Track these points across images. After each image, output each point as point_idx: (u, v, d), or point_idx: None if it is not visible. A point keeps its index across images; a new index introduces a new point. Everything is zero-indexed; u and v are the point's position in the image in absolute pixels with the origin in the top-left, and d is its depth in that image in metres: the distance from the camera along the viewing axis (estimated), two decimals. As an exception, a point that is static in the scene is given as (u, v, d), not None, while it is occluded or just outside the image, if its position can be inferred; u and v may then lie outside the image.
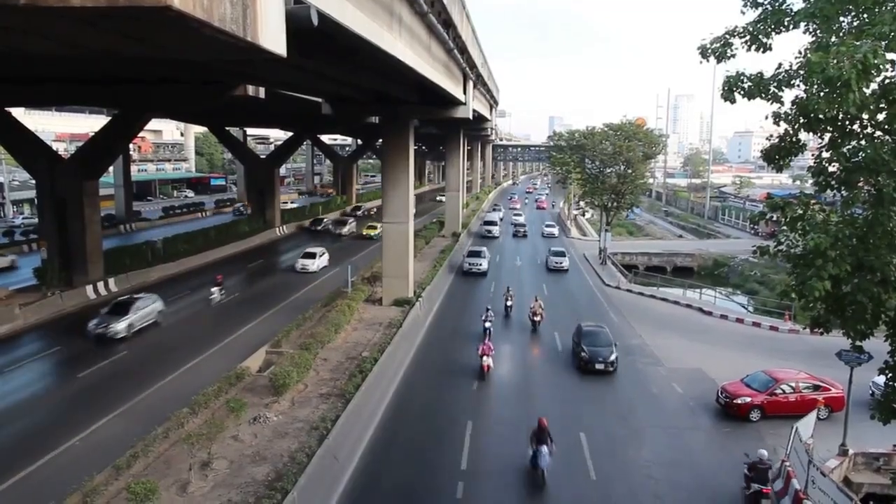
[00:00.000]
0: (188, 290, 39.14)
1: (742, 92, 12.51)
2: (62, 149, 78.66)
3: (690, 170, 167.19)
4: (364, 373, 22.97)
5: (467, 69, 38.37)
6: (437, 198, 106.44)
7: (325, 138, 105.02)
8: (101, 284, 37.26)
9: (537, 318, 33.17)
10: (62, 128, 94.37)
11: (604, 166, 57.66)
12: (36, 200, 48.92)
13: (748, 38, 12.42)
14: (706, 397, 24.29)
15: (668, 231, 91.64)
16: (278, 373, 21.65)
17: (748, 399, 22.79)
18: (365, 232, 60.49)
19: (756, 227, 75.45)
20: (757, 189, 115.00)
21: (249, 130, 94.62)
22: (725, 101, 12.83)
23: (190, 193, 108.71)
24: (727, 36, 12.82)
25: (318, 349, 25.43)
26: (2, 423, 21.06)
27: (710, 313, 38.85)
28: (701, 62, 13.42)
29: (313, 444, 17.74)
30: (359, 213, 79.48)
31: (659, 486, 18.04)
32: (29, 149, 38.11)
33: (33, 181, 42.00)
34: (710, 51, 13.04)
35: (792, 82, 11.96)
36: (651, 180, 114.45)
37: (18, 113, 40.56)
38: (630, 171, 55.40)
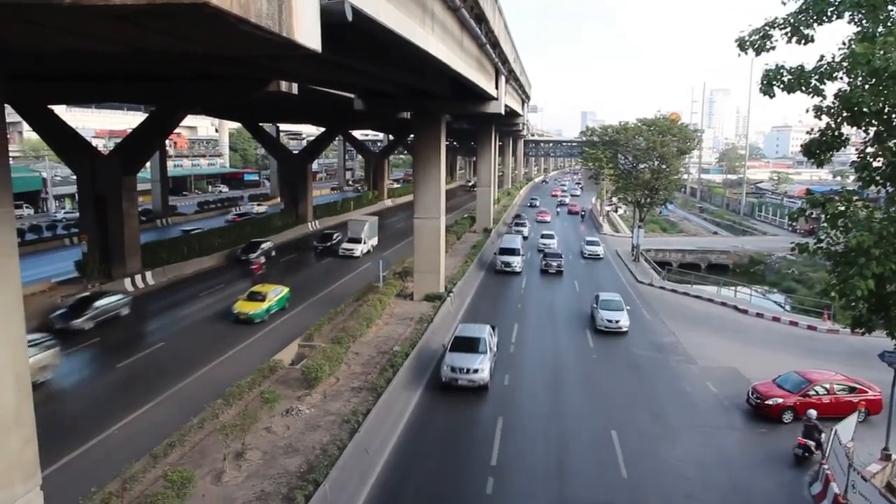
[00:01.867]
0: (222, 284, 39.75)
1: (781, 85, 12.25)
2: (101, 145, 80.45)
3: (726, 165, 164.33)
4: (395, 367, 23.10)
5: (499, 64, 38.18)
6: (469, 185, 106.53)
7: (357, 134, 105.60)
8: (138, 277, 38.06)
9: None
10: (101, 124, 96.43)
11: (637, 162, 56.96)
12: (77, 195, 50.16)
13: (789, 29, 12.14)
14: (741, 397, 23.84)
15: (702, 227, 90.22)
16: (310, 366, 21.88)
17: (780, 400, 22.20)
18: (239, 309, 31.49)
19: (794, 223, 73.80)
20: (795, 185, 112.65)
21: (282, 126, 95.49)
22: (764, 94, 12.57)
23: (224, 188, 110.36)
24: (767, 28, 12.55)
25: (349, 343, 25.64)
26: (52, 409, 21.63)
27: (745, 311, 38.16)
28: (739, 55, 13.19)
29: (345, 437, 17.93)
30: (332, 240, 52.13)
31: (692, 486, 17.79)
32: (71, 145, 39.05)
33: (75, 177, 42.97)
34: (748, 43, 12.78)
35: (835, 75, 11.67)
36: (685, 176, 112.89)
37: (60, 110, 41.62)
38: (664, 166, 54.64)
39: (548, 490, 17.31)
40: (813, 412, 19.59)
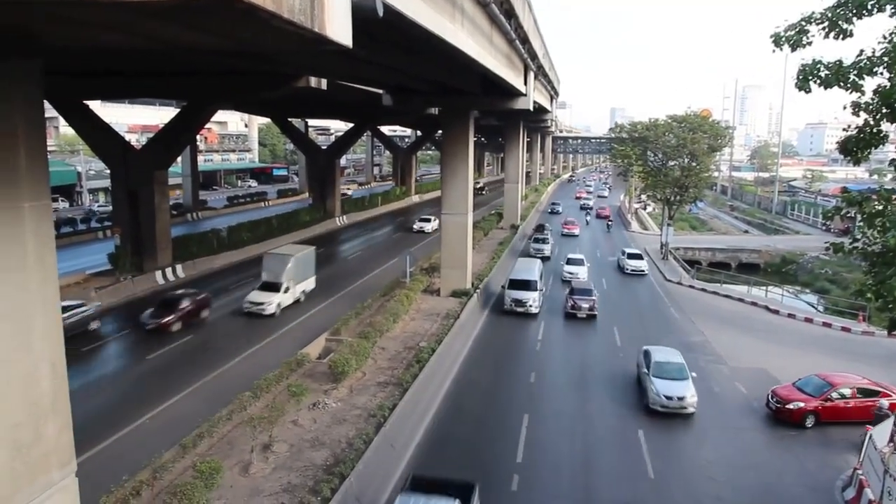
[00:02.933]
0: (251, 278, 40.18)
1: (818, 81, 12.02)
2: (134, 140, 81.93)
3: (758, 163, 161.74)
4: (421, 363, 23.16)
5: (528, 60, 37.98)
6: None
7: (385, 129, 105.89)
8: (169, 270, 38.67)
9: None
10: (134, 120, 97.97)
11: (667, 159, 56.26)
12: (110, 189, 51.13)
13: (826, 24, 11.88)
14: (772, 398, 23.42)
15: (732, 226, 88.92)
16: (337, 360, 22.02)
17: (801, 404, 21.57)
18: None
19: (829, 223, 72.31)
20: (830, 183, 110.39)
21: (311, 121, 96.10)
22: (800, 90, 12.34)
23: (253, 183, 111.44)
24: (803, 23, 12.32)
25: (376, 338, 25.76)
26: (82, 399, 22.08)
27: (776, 312, 37.51)
28: (774, 51, 12.93)
29: (371, 432, 18.03)
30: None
31: (721, 488, 17.56)
32: (104, 140, 39.80)
33: (108, 171, 43.76)
34: (783, 39, 12.54)
35: (875, 70, 11.41)
36: (716, 174, 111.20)
37: (95, 106, 42.39)
38: (694, 163, 53.88)
39: (574, 491, 17.23)
40: (885, 402, 19.67)
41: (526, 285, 33.71)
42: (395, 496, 13.85)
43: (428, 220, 61.66)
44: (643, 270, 46.09)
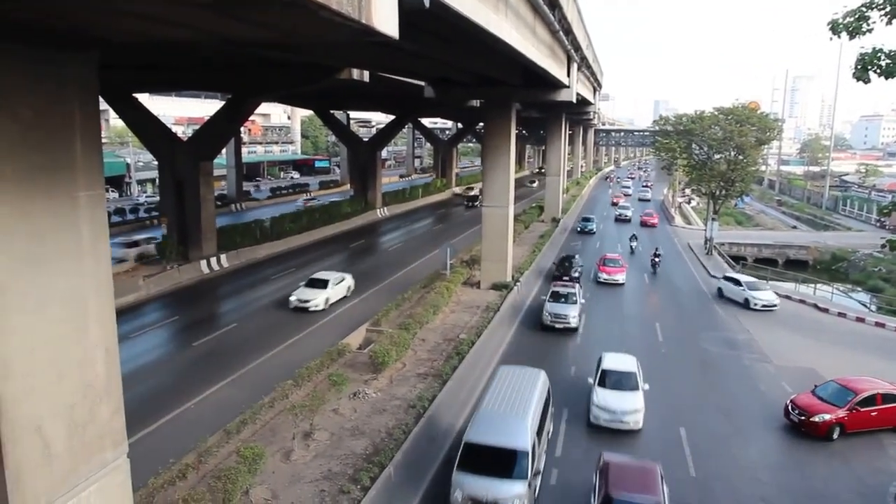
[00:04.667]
0: (293, 268, 40.81)
1: (878, 70, 11.59)
2: (181, 132, 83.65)
3: (808, 156, 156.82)
4: (461, 355, 23.21)
5: (572, 51, 37.51)
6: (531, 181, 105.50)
7: (426, 121, 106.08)
8: (213, 260, 39.50)
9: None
10: (180, 112, 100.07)
11: (712, 152, 55.01)
12: (157, 180, 52.41)
13: (889, 9, 11.43)
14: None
15: (780, 221, 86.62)
16: (378, 351, 22.21)
17: (827, 416, 19.82)
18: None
19: (884, 219, 69.87)
20: (885, 178, 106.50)
21: (352, 114, 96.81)
22: (858, 80, 11.92)
23: (295, 175, 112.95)
24: (863, 8, 11.87)
25: (416, 329, 25.89)
26: (129, 384, 22.77)
27: (825, 310, 36.38)
28: (830, 39, 12.50)
29: (410, 422, 18.15)
30: None
31: (766, 489, 17.15)
32: (153, 132, 40.81)
33: (156, 162, 44.82)
34: (841, 26, 12.12)
35: (941, 59, 10.95)
36: (763, 168, 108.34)
37: (143, 98, 43.45)
38: (741, 157, 52.50)
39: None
40: None
41: (496, 467, 14.85)
42: (434, 487, 13.89)
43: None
44: (775, 305, 35.15)
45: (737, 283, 37.17)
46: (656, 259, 43.69)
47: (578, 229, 59.07)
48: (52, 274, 8.71)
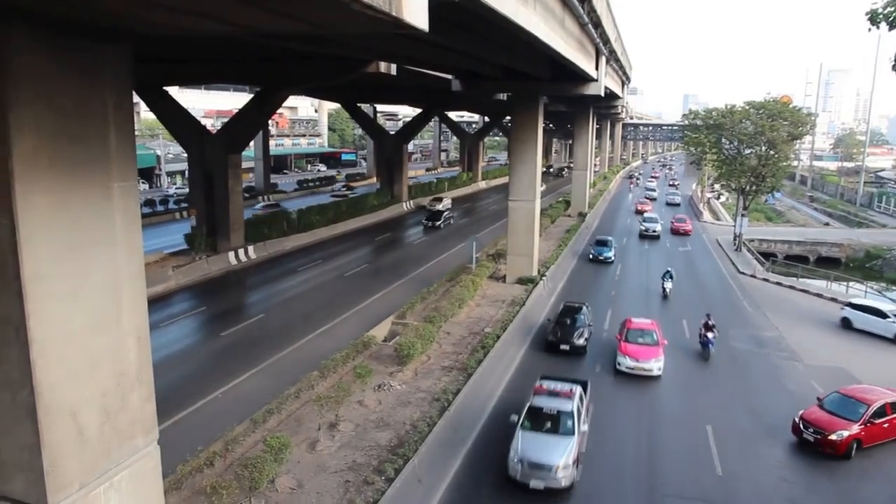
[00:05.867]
0: (320, 259, 41.12)
1: (919, 64, 11.25)
2: (210, 124, 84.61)
3: (842, 152, 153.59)
4: (486, 349, 23.19)
5: (600, 44, 37.06)
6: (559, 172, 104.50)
7: (452, 115, 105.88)
8: (241, 251, 39.94)
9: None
10: (210, 105, 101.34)
11: (743, 147, 54.09)
12: (187, 172, 53.05)
13: (932, 1, 11.10)
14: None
15: (812, 218, 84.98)
16: (403, 343, 22.28)
17: (845, 433, 18.43)
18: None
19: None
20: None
21: (379, 107, 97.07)
22: (898, 73, 11.59)
23: (322, 167, 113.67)
24: (905, -1, 11.54)
25: (441, 322, 25.91)
26: (159, 373, 23.15)
27: (858, 308, 35.61)
28: (869, 29, 12.18)
29: (434, 415, 18.19)
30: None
31: (794, 490, 16.89)
32: (182, 124, 41.30)
33: (185, 154, 45.41)
34: (881, 16, 11.78)
35: (984, 52, 10.59)
36: (795, 163, 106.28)
37: (172, 91, 43.97)
38: (772, 152, 51.57)
39: (638, 487, 16.92)
40: None
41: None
42: (459, 479, 13.91)
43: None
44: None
45: (879, 314, 30.26)
46: (708, 335, 26.12)
47: (591, 255, 44.25)
48: (87, 263, 8.88)
